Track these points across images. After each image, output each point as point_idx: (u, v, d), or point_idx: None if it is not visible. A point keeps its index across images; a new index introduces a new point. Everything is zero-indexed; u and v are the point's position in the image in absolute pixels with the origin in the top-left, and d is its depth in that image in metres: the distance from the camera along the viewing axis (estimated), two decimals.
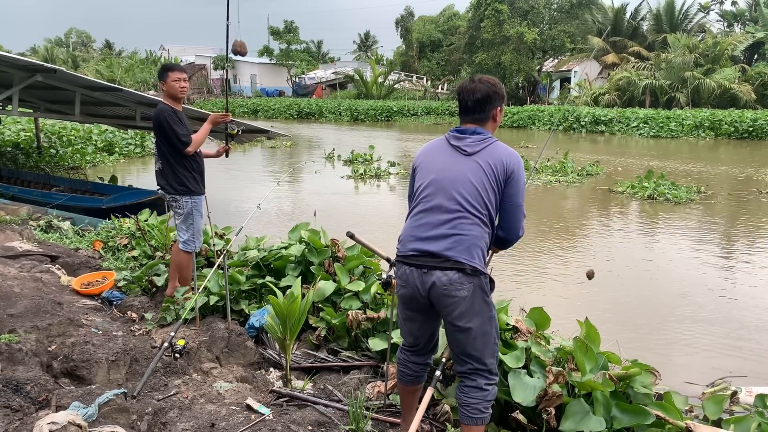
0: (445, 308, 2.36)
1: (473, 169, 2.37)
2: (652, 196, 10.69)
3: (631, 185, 11.36)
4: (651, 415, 2.66)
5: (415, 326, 2.55)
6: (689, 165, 15.33)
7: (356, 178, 13.42)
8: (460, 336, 2.38)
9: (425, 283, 2.35)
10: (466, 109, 2.50)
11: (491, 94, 2.47)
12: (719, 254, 7.36)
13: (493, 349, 2.45)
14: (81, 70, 45.07)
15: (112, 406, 2.61)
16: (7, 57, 7.14)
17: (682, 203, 10.31)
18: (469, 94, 2.48)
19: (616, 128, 24.87)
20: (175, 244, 4.54)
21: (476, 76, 2.58)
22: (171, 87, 4.29)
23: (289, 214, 9.55)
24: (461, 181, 2.37)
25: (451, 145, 2.46)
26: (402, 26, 48.25)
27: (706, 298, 5.83)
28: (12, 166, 11.85)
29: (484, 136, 2.44)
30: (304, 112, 36.54)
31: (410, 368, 2.65)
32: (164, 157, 4.30)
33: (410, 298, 2.45)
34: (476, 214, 2.34)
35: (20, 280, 4.43)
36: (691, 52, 28.65)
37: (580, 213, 10.17)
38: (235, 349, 3.67)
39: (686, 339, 4.92)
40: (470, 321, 2.34)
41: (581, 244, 8.00)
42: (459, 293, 2.31)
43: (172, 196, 4.35)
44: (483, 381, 2.42)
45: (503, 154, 2.40)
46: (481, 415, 2.42)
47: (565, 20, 35.01)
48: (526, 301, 4.64)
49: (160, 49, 68.36)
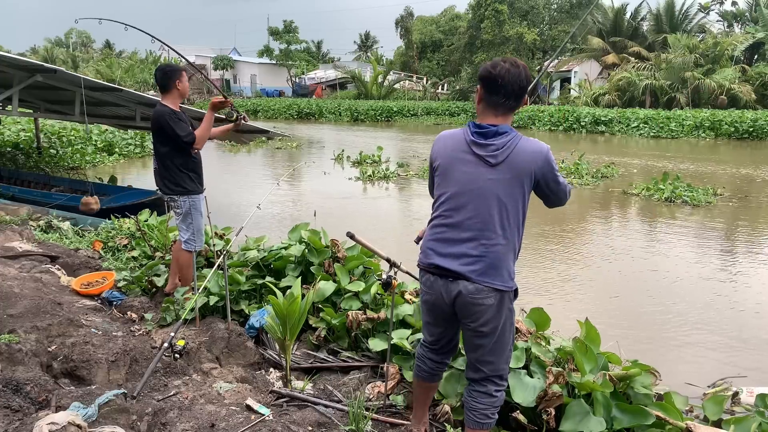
0: (470, 316, 2.31)
1: (499, 183, 2.22)
2: (670, 198, 10.45)
3: (646, 187, 11.14)
4: (651, 416, 2.66)
5: (438, 330, 2.56)
6: (697, 166, 15.09)
7: (365, 179, 13.28)
8: (481, 341, 2.36)
9: (450, 291, 2.31)
10: (506, 93, 2.24)
11: (528, 84, 2.29)
12: (730, 258, 7.29)
13: (508, 355, 2.45)
14: (81, 71, 45.07)
15: (112, 407, 2.61)
16: (7, 57, 7.15)
17: (701, 206, 10.05)
18: (516, 79, 2.23)
19: (616, 128, 24.86)
20: (177, 242, 4.54)
21: (506, 58, 2.30)
22: (185, 86, 4.33)
23: (295, 217, 9.45)
24: (486, 197, 2.23)
25: (474, 153, 2.27)
26: (402, 26, 48.25)
27: (707, 297, 5.83)
28: (12, 166, 11.85)
29: (508, 137, 2.24)
30: (304, 113, 36.54)
31: (427, 365, 2.66)
32: (161, 157, 4.29)
33: (433, 304, 2.43)
34: (501, 231, 2.25)
35: (20, 280, 4.43)
36: (691, 53, 28.64)
37: (593, 215, 9.99)
38: (235, 350, 3.67)
39: (687, 339, 4.92)
40: (493, 328, 2.32)
41: (589, 245, 8.00)
42: (486, 301, 2.27)
43: (170, 197, 4.36)
44: (493, 388, 2.42)
45: (529, 158, 2.23)
46: (488, 420, 2.42)
47: (565, 20, 35.03)
48: (528, 301, 4.64)
49: (160, 49, 68.32)
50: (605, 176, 13.15)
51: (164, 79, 4.29)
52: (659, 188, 10.93)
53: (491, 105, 2.29)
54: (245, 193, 11.62)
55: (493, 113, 2.30)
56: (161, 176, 4.33)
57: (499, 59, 2.31)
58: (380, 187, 12.77)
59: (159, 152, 4.30)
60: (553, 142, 20.98)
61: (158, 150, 4.30)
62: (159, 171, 4.34)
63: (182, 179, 4.30)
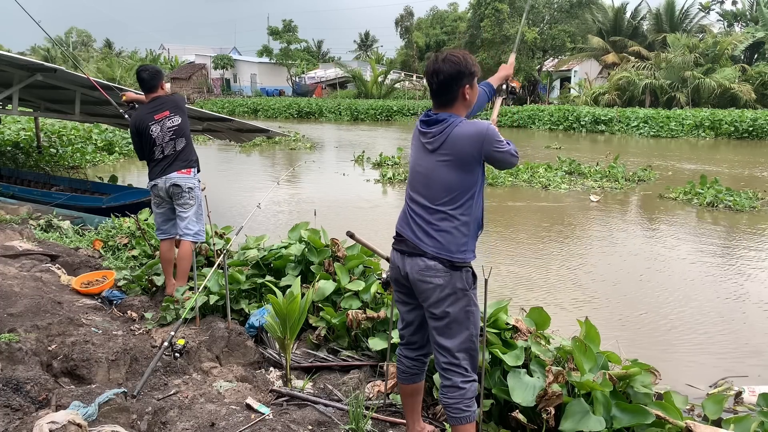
0: (421, 294, 2.40)
1: (438, 167, 2.35)
2: (713, 203, 9.84)
3: (683, 191, 10.63)
4: (651, 415, 2.66)
5: (405, 310, 2.59)
6: (712, 166, 14.66)
7: (384, 182, 12.63)
8: (434, 323, 2.41)
9: (404, 266, 2.42)
10: (432, 90, 2.40)
11: (455, 75, 2.32)
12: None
13: (468, 345, 2.41)
14: (81, 70, 44.99)
15: (112, 406, 2.61)
16: (7, 56, 7.14)
17: (745, 211, 9.46)
18: (434, 75, 2.35)
19: (616, 128, 24.84)
20: (182, 243, 4.53)
21: (442, 53, 2.38)
22: (167, 90, 4.68)
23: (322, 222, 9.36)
24: (429, 179, 2.38)
25: (420, 141, 2.45)
26: (402, 26, 48.27)
27: (709, 298, 5.84)
28: (12, 165, 11.84)
29: (445, 124, 2.34)
30: (304, 112, 36.53)
31: (405, 364, 2.66)
32: (187, 136, 4.57)
33: (395, 279, 2.54)
34: (451, 210, 2.35)
35: (20, 279, 4.43)
36: (691, 52, 28.64)
37: (621, 219, 9.49)
38: (235, 349, 3.67)
39: (687, 339, 4.93)
40: (444, 310, 2.36)
41: (600, 247, 8.00)
42: (434, 281, 2.34)
43: (192, 182, 4.51)
44: (459, 379, 2.40)
45: (467, 142, 2.31)
46: (464, 414, 2.40)
47: (565, 20, 35.00)
48: (528, 300, 4.64)
49: (160, 48, 68.35)
50: (642, 180, 12.49)
51: (154, 80, 4.50)
52: (697, 192, 10.38)
53: (433, 100, 2.45)
54: (259, 194, 11.33)
55: (436, 104, 2.44)
56: (187, 156, 4.52)
57: (441, 54, 2.41)
58: (401, 190, 11.97)
59: (185, 132, 4.53)
60: (554, 142, 20.98)
61: (184, 130, 4.52)
62: (184, 151, 4.50)
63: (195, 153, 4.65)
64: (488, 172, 12.27)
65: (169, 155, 4.46)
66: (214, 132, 11.93)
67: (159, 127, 4.42)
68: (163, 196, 4.53)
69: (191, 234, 4.49)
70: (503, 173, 12.49)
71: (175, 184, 4.46)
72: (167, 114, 4.46)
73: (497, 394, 2.93)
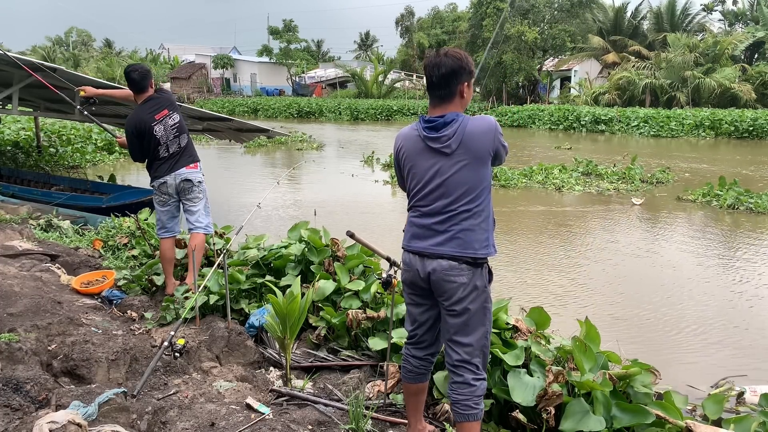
0: (444, 293, 2.40)
1: (459, 167, 2.35)
2: (734, 205, 9.69)
3: (702, 193, 10.47)
4: (651, 415, 2.66)
5: (418, 311, 2.59)
6: (726, 167, 14.49)
7: (393, 183, 12.32)
8: (453, 321, 2.41)
9: (425, 267, 2.41)
10: (432, 84, 2.39)
11: (457, 69, 2.35)
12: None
13: (483, 342, 2.45)
14: (81, 69, 45.05)
15: (112, 405, 2.61)
16: (7, 56, 7.13)
17: (767, 213, 9.28)
18: (435, 68, 2.37)
19: (616, 127, 24.85)
20: (195, 235, 4.59)
21: (443, 48, 2.45)
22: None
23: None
24: (452, 183, 2.36)
25: (430, 147, 2.39)
26: (402, 25, 48.27)
27: (710, 297, 5.83)
28: (12, 165, 11.84)
29: (456, 123, 2.35)
30: (304, 111, 36.54)
31: (412, 363, 2.66)
32: (186, 133, 4.60)
33: (411, 282, 2.52)
34: (472, 208, 2.37)
35: (20, 279, 4.43)
36: (691, 52, 28.64)
37: (648, 221, 9.29)
38: (235, 349, 3.67)
39: (687, 339, 4.92)
40: (465, 306, 2.38)
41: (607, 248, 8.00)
42: (459, 279, 2.36)
43: (200, 176, 4.59)
44: (470, 376, 2.42)
45: (483, 139, 2.35)
46: (472, 411, 2.41)
47: (566, 19, 34.96)
48: (528, 300, 4.63)
49: (160, 48, 68.37)
50: (660, 182, 12.35)
51: (144, 80, 4.53)
52: (716, 194, 10.23)
53: (431, 96, 2.43)
54: (271, 195, 11.25)
55: (435, 104, 2.43)
56: (191, 151, 4.57)
57: (443, 49, 2.44)
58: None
59: (185, 128, 4.59)
60: (555, 141, 20.97)
61: (183, 127, 4.56)
62: (188, 146, 4.56)
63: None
64: (501, 174, 12.33)
65: (175, 152, 4.49)
66: (214, 132, 11.92)
67: (162, 127, 4.44)
68: (171, 193, 4.54)
69: (202, 226, 4.58)
70: (517, 174, 12.62)
71: (186, 179, 4.52)
72: (166, 113, 4.47)
73: (497, 394, 2.93)
